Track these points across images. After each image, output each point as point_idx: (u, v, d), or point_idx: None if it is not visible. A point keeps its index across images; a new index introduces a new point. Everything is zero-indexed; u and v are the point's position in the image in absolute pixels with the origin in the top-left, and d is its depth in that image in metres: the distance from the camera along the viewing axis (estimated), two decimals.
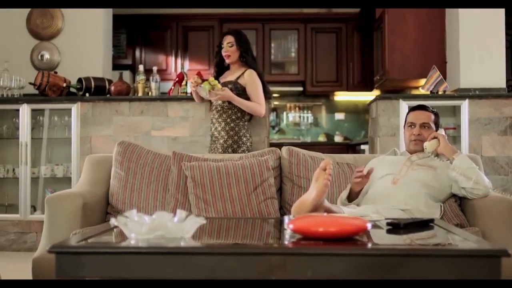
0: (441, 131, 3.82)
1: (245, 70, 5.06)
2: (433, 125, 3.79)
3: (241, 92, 5.00)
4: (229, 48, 5.08)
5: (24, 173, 5.81)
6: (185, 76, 5.84)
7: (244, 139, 5.03)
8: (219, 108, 5.07)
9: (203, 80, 5.02)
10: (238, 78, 5.04)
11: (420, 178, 3.57)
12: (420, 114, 3.82)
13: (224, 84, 5.00)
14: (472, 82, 5.93)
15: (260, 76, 5.11)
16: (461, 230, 2.77)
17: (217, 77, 5.19)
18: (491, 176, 5.30)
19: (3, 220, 5.80)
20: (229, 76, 5.13)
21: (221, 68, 5.26)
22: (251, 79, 5.03)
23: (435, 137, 3.68)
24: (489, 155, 5.53)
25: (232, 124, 5.01)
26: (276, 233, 2.90)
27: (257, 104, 5.03)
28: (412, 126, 3.79)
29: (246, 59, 5.10)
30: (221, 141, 4.98)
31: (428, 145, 3.67)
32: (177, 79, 5.72)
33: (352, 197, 3.56)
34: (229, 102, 5.00)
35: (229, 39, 5.10)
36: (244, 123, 5.08)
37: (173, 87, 5.82)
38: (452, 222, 3.48)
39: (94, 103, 5.73)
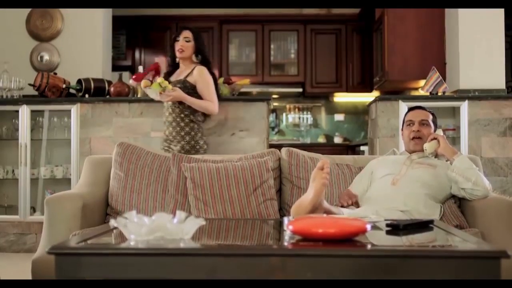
0: (440, 132, 3.82)
1: (194, 67, 4.89)
2: (431, 124, 3.80)
3: (191, 90, 4.84)
4: (185, 42, 4.89)
5: (23, 174, 5.81)
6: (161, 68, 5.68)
7: (201, 142, 4.92)
8: (170, 111, 4.94)
9: (151, 82, 4.91)
10: (187, 76, 4.87)
11: (420, 177, 3.57)
12: (418, 112, 3.86)
13: (173, 84, 4.83)
14: (472, 83, 5.93)
15: (213, 75, 4.97)
16: (460, 231, 2.77)
17: (168, 76, 5.03)
18: (490, 177, 5.29)
19: (3, 221, 5.80)
20: (180, 75, 4.95)
21: (173, 67, 5.08)
22: (201, 76, 4.85)
23: (435, 138, 3.68)
24: (489, 156, 5.53)
25: (187, 128, 4.88)
26: (275, 234, 2.90)
27: (209, 102, 4.87)
28: (411, 124, 3.81)
29: (200, 58, 4.93)
30: (178, 146, 4.86)
31: (428, 146, 3.67)
32: (153, 70, 5.55)
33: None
34: (181, 103, 4.87)
35: (187, 34, 4.91)
36: (199, 126, 4.96)
37: (146, 78, 5.32)
38: (452, 223, 3.48)
39: (94, 104, 5.73)
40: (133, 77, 5.61)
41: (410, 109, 3.96)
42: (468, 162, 3.56)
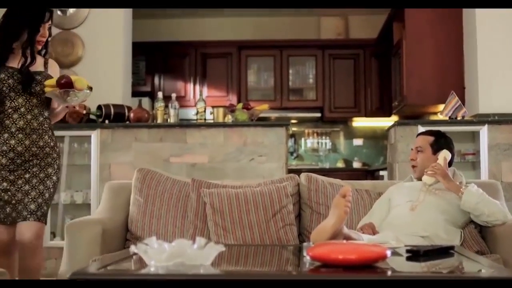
0: (446, 154, 3.74)
1: (46, 60, 3.84)
2: (428, 148, 3.78)
3: None
4: (46, 31, 3.78)
5: None
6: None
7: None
8: (44, 116, 3.77)
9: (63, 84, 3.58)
10: (44, 70, 3.79)
11: (438, 204, 3.56)
12: (417, 139, 3.92)
13: (43, 77, 3.69)
14: (491, 107, 5.90)
15: None
16: (481, 257, 2.75)
17: (24, 66, 3.64)
18: (511, 202, 5.24)
19: None
20: (37, 67, 3.73)
21: (31, 56, 3.69)
22: (58, 73, 3.85)
23: (433, 172, 3.63)
24: (509, 180, 5.48)
25: (51, 145, 3.81)
26: (295, 260, 2.89)
27: None
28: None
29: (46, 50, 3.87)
30: (54, 161, 3.78)
31: (427, 179, 3.66)
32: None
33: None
34: (44, 107, 3.77)
35: (49, 23, 3.78)
36: None
37: None
38: (473, 249, 3.45)
39: (114, 130, 5.76)
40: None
41: (417, 134, 4.01)
42: (476, 196, 3.51)
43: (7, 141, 3.59)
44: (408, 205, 3.60)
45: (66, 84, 3.58)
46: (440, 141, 3.82)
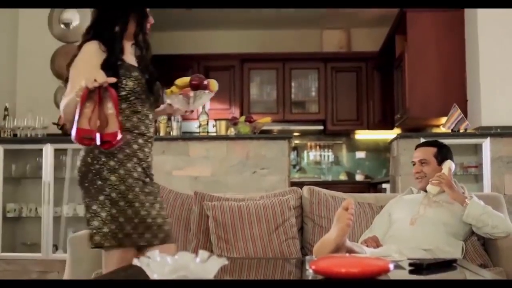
0: (447, 164, 3.75)
1: None
2: (433, 159, 3.78)
3: None
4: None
5: (46, 212, 5.85)
6: None
7: None
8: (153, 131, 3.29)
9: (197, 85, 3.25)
10: None
11: (440, 216, 3.54)
12: (417, 152, 3.89)
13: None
14: (494, 120, 5.90)
15: None
16: (484, 270, 2.74)
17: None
18: None
19: (26, 259, 5.83)
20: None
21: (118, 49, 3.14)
22: None
23: (439, 182, 3.63)
24: None
25: None
26: (297, 274, 2.89)
27: None
28: (414, 164, 3.87)
29: None
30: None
31: (432, 189, 3.65)
32: None
33: None
34: None
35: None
36: None
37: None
38: (476, 262, 3.44)
39: None
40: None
41: (416, 146, 3.98)
42: (480, 207, 3.50)
43: (143, 148, 3.09)
44: (408, 219, 3.59)
45: (201, 85, 3.21)
46: (443, 151, 3.84)
